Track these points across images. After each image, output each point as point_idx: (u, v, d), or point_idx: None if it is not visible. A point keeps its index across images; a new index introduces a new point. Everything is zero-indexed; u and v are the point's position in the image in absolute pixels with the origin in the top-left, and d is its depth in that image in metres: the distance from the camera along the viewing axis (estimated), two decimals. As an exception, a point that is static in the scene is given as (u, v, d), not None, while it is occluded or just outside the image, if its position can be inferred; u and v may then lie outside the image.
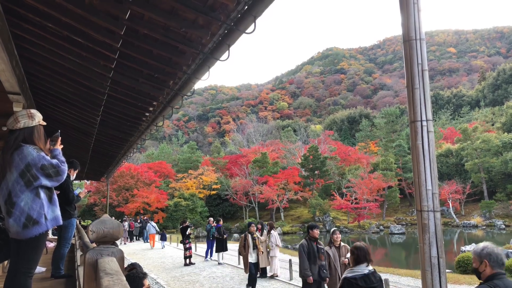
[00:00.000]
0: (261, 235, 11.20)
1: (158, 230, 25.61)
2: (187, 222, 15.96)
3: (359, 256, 3.81)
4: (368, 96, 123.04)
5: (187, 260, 14.73)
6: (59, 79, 5.06)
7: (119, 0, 3.08)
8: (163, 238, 23.17)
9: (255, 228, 10.89)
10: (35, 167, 2.68)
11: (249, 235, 10.38)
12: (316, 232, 6.74)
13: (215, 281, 11.31)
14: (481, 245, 2.81)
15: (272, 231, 11.67)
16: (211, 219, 16.53)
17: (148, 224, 24.63)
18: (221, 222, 15.41)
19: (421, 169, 1.92)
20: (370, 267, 3.81)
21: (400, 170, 47.04)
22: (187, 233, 15.13)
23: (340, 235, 7.17)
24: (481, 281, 2.74)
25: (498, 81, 79.02)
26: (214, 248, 15.18)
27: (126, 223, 28.21)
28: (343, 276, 3.95)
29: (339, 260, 6.84)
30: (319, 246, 6.69)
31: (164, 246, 22.49)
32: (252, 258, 10.13)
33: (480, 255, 2.73)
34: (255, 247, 10.22)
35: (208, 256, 15.79)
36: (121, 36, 3.53)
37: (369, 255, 3.85)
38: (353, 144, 67.70)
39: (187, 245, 14.76)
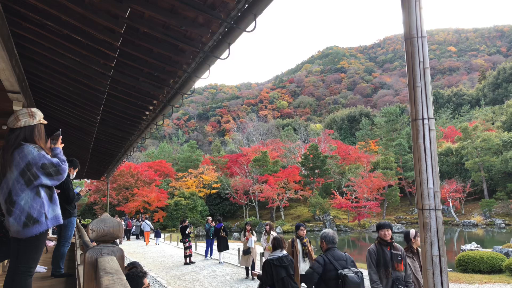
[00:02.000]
0: (267, 236, 10.62)
1: (153, 227, 27.31)
2: (186, 222, 15.96)
3: (275, 245, 5.18)
4: (368, 95, 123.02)
5: (187, 259, 14.73)
6: (59, 78, 5.05)
7: (119, -1, 3.07)
8: (157, 236, 24.54)
9: (304, 231, 8.28)
10: (35, 166, 2.67)
11: (298, 240, 8.11)
12: (387, 232, 4.79)
13: (215, 280, 11.30)
14: (323, 230, 4.51)
15: (272, 232, 11.43)
16: (210, 218, 16.52)
17: (143, 222, 26.14)
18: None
19: (423, 168, 1.91)
20: (284, 252, 5.11)
21: (400, 169, 47.05)
22: (187, 232, 15.13)
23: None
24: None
25: (498, 80, 79.04)
26: (215, 247, 15.16)
27: (122, 222, 28.56)
28: (265, 259, 5.15)
29: (421, 270, 4.94)
30: (394, 251, 4.76)
31: (159, 243, 23.42)
32: (301, 269, 7.64)
33: (320, 237, 4.40)
34: (306, 255, 7.87)
35: (208, 255, 15.80)
36: (121, 35, 3.52)
37: (283, 243, 5.23)
38: (353, 143, 67.78)
39: (187, 244, 14.77)
